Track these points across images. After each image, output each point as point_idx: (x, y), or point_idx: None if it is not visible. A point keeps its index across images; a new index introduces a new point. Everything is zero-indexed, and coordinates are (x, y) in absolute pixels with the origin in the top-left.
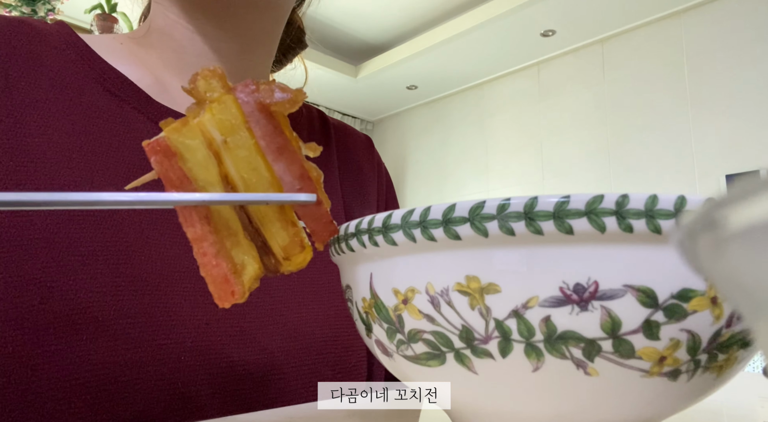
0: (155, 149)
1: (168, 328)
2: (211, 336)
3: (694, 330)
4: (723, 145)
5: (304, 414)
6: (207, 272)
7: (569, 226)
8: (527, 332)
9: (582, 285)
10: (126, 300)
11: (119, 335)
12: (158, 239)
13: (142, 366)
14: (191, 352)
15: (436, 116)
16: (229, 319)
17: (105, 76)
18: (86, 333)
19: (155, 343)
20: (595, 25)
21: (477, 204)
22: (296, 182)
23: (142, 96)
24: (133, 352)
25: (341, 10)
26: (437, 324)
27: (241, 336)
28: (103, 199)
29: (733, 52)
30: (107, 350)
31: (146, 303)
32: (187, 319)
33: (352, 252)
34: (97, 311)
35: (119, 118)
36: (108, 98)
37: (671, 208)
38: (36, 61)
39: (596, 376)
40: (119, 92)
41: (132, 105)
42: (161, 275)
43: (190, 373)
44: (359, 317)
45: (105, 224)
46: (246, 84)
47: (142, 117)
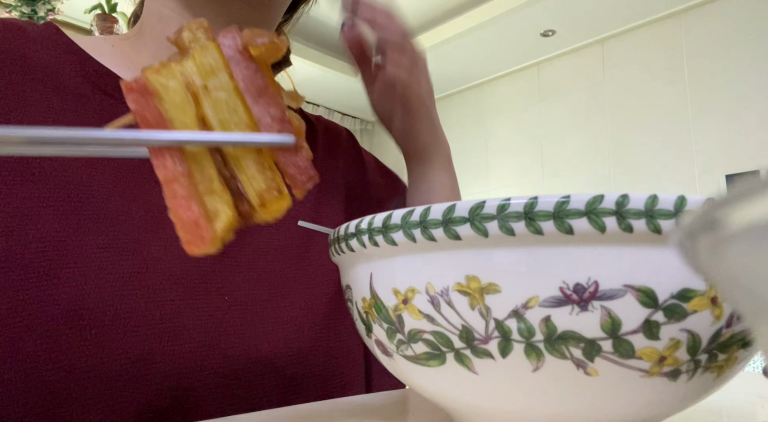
0: (132, 88)
1: (170, 323)
2: (213, 330)
3: (694, 330)
4: (723, 145)
5: (304, 414)
6: (176, 215)
7: (569, 226)
8: (527, 332)
9: (582, 285)
10: (129, 295)
11: (121, 330)
12: (161, 234)
13: (146, 361)
14: (194, 347)
15: None
16: (231, 310)
17: (97, 76)
18: (91, 329)
19: (159, 339)
20: (595, 25)
21: (477, 204)
22: (275, 125)
23: None
24: (136, 346)
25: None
26: (437, 324)
27: (242, 330)
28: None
29: (733, 52)
30: (112, 344)
31: (149, 298)
32: (188, 314)
33: (352, 252)
34: (101, 306)
35: (114, 117)
36: (101, 98)
37: (671, 208)
38: (26, 62)
39: (596, 376)
40: (113, 91)
41: (122, 101)
42: (164, 270)
43: (192, 368)
44: (359, 317)
45: (109, 219)
46: (229, 30)
47: None
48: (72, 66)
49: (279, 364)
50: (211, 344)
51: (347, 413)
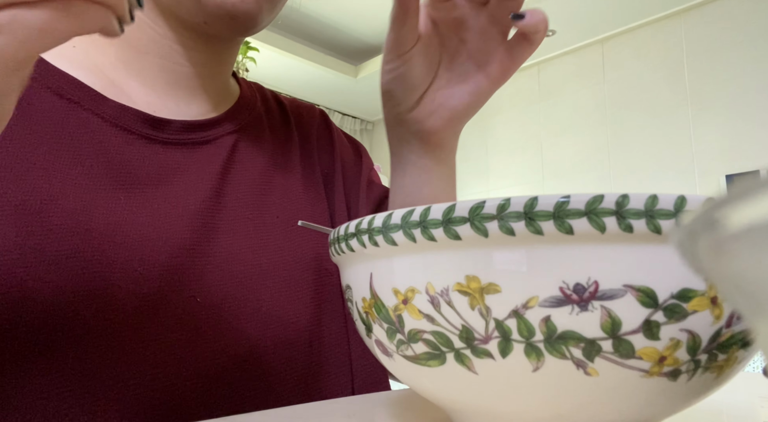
0: None
1: (154, 323)
2: (188, 328)
3: (694, 330)
4: (723, 145)
5: (304, 414)
6: None
7: (569, 226)
8: (527, 332)
9: (582, 285)
10: (98, 302)
11: (108, 331)
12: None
13: (122, 367)
14: (169, 349)
15: None
16: (205, 311)
17: (54, 81)
18: (71, 335)
19: (132, 344)
20: (595, 25)
21: (477, 204)
22: None
23: (95, 96)
24: (109, 352)
25: (341, 10)
26: (437, 324)
27: (217, 330)
28: None
29: (733, 52)
30: (83, 353)
31: (131, 298)
32: (161, 314)
33: (352, 252)
34: (70, 314)
35: (74, 120)
36: (59, 102)
37: (671, 208)
38: None
39: (596, 376)
40: (70, 95)
41: (84, 106)
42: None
43: (170, 371)
44: (359, 317)
45: (70, 229)
46: None
47: (97, 118)
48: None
49: (260, 359)
50: (187, 346)
51: (347, 413)
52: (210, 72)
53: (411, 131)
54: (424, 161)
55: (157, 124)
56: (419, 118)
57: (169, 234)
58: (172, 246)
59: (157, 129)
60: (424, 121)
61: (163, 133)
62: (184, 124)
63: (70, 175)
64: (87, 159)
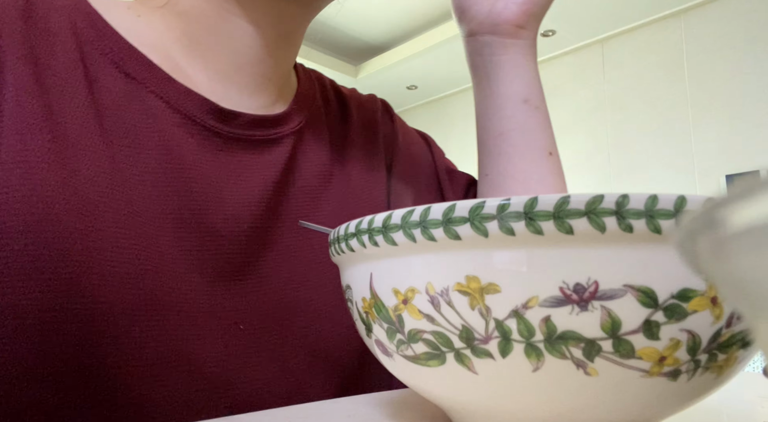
0: None
1: (187, 348)
2: (230, 359)
3: (694, 330)
4: (723, 145)
5: (304, 414)
6: None
7: (569, 226)
8: (527, 332)
9: (582, 285)
10: (147, 320)
11: (138, 354)
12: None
13: (153, 393)
14: (212, 377)
15: (436, 116)
16: (248, 340)
17: (121, 56)
18: (110, 356)
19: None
20: (595, 25)
21: (477, 204)
22: None
23: (163, 77)
24: (143, 375)
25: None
26: (437, 324)
27: (263, 355)
28: None
29: (733, 52)
30: (116, 376)
31: (166, 325)
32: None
33: (352, 252)
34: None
35: (137, 103)
36: (124, 81)
37: (671, 208)
38: (52, 37)
39: (596, 376)
40: (136, 73)
41: (149, 88)
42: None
43: (206, 403)
44: (359, 317)
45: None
46: None
47: (161, 102)
48: (98, 45)
49: (306, 395)
50: (226, 377)
51: (347, 413)
52: (277, 56)
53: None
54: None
55: (224, 117)
56: (495, 13)
57: (213, 252)
58: (215, 266)
59: (223, 122)
60: (501, 13)
61: (229, 126)
62: (251, 118)
63: (132, 162)
64: (144, 149)
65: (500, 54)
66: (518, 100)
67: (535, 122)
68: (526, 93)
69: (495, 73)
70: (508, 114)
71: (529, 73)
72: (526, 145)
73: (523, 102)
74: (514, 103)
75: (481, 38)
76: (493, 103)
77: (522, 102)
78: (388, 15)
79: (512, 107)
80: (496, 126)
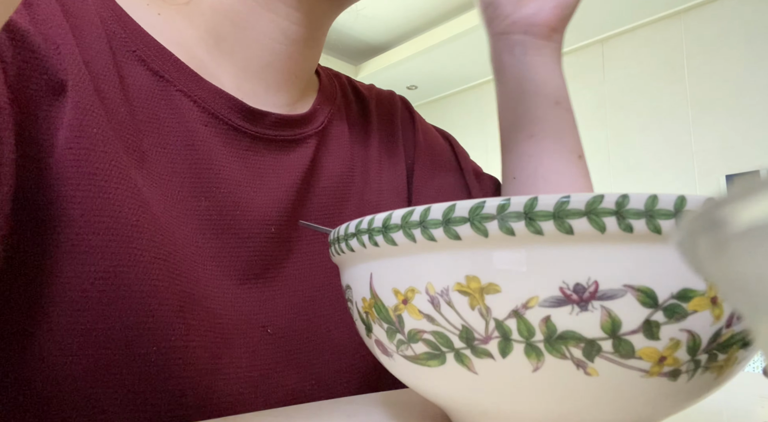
0: None
1: (213, 358)
2: (259, 363)
3: (694, 330)
4: (723, 145)
5: (304, 414)
6: None
7: (569, 226)
8: (527, 332)
9: (582, 285)
10: (176, 329)
11: (170, 363)
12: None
13: (187, 398)
14: (238, 384)
15: (436, 116)
16: (275, 343)
17: (149, 53)
18: (149, 355)
19: (201, 376)
20: (595, 25)
21: (477, 204)
22: None
23: (190, 75)
24: (180, 381)
25: None
26: (437, 324)
27: (290, 359)
28: None
29: (733, 52)
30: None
31: (198, 328)
32: (233, 347)
33: (352, 252)
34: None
35: (165, 102)
36: (152, 79)
37: (671, 208)
38: (88, 30)
39: (596, 376)
40: (164, 71)
41: (178, 86)
42: (212, 298)
43: (242, 403)
44: (359, 317)
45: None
46: None
47: (189, 101)
48: (124, 41)
49: (329, 390)
50: (255, 382)
51: (348, 413)
52: (305, 54)
53: (528, 31)
54: (547, 59)
55: (252, 116)
56: (529, 13)
57: (240, 256)
58: (242, 269)
59: (250, 121)
60: (536, 14)
61: (256, 126)
62: (277, 118)
63: (153, 164)
64: (172, 148)
65: (533, 55)
66: (550, 102)
67: (566, 124)
68: (557, 95)
69: (527, 73)
70: (539, 115)
71: (560, 76)
72: (557, 147)
73: (555, 104)
74: (546, 105)
75: (513, 37)
76: (523, 104)
77: (554, 104)
78: (388, 15)
79: (544, 109)
80: (526, 127)
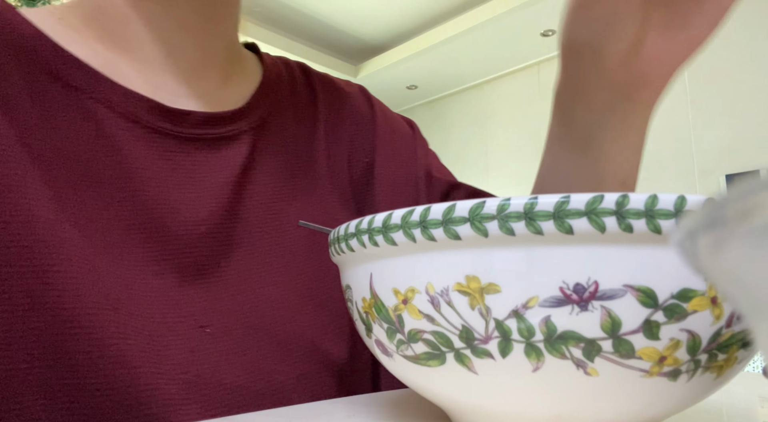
0: None
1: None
2: (198, 363)
3: (694, 330)
4: (723, 145)
5: (303, 414)
6: None
7: (569, 226)
8: (527, 332)
9: (582, 285)
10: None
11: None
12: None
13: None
14: (178, 383)
15: (435, 116)
16: (215, 342)
17: (59, 66)
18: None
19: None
20: None
21: (477, 204)
22: None
23: (101, 80)
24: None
25: (341, 10)
26: (437, 324)
27: (233, 356)
28: None
29: (733, 52)
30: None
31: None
32: (171, 347)
33: (352, 252)
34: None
35: (80, 113)
36: (64, 93)
37: (671, 208)
38: None
39: (596, 376)
40: (75, 82)
41: (91, 95)
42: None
43: (183, 402)
44: (359, 317)
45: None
46: None
47: (103, 108)
48: (32, 56)
49: (282, 394)
50: (195, 381)
51: (348, 413)
52: (208, 38)
53: (617, 91)
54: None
55: (172, 116)
56: (632, 72)
57: (174, 257)
58: (177, 271)
59: (171, 121)
60: (639, 75)
61: (179, 126)
62: (205, 116)
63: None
64: (92, 158)
65: (619, 119)
66: (615, 181)
67: None
68: (626, 173)
69: (602, 142)
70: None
71: (639, 148)
72: None
73: (620, 184)
74: (609, 183)
75: (606, 100)
76: (582, 175)
77: (619, 184)
78: (388, 15)
79: (605, 187)
80: None
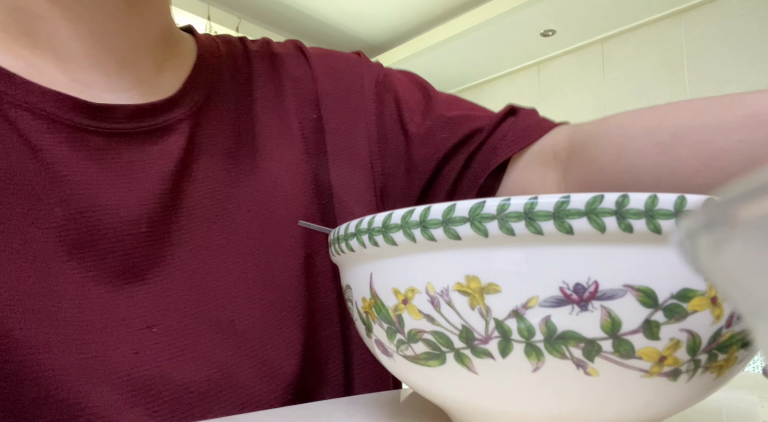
0: None
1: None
2: (144, 364)
3: (694, 330)
4: None
5: (303, 414)
6: None
7: (569, 226)
8: (527, 332)
9: (582, 285)
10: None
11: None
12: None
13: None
14: (123, 387)
15: None
16: (163, 341)
17: None
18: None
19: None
20: (595, 25)
21: (477, 204)
22: None
23: (18, 84)
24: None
25: (341, 10)
26: (437, 324)
27: (182, 354)
28: None
29: (733, 52)
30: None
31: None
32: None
33: (352, 252)
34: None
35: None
36: None
37: (671, 208)
38: None
39: (596, 376)
40: None
41: (7, 100)
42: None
43: (127, 401)
44: (359, 317)
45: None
46: None
47: (23, 112)
48: None
49: (238, 386)
50: (142, 382)
51: (348, 413)
52: (137, 24)
53: None
54: None
55: (97, 112)
56: None
57: (111, 259)
58: (115, 272)
59: (97, 118)
60: None
61: (106, 122)
62: (133, 109)
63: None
64: (11, 166)
65: None
66: None
67: None
68: None
69: None
70: None
71: None
72: None
73: None
74: None
75: None
76: None
77: None
78: (388, 15)
79: None
80: None
